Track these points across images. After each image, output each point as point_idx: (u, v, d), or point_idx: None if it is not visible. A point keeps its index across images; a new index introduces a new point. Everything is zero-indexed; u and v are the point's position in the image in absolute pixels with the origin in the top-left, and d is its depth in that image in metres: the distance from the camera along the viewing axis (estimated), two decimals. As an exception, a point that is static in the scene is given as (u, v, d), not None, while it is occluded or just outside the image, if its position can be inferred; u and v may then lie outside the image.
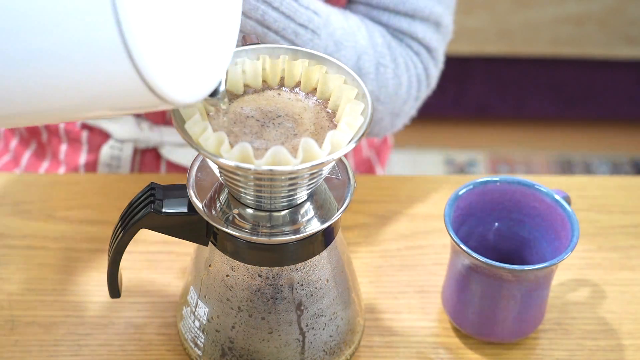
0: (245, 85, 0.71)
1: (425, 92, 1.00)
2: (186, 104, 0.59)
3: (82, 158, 1.07)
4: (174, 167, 1.06)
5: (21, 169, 1.11)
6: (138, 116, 1.04)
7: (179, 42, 0.58)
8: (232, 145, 0.65)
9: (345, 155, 0.66)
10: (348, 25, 0.91)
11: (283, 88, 0.71)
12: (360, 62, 0.91)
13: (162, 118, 1.04)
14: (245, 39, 0.73)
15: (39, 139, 1.10)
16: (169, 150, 1.05)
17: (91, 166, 1.07)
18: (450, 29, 0.99)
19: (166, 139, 1.04)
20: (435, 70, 1.00)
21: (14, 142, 1.13)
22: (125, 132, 1.04)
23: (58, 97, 0.57)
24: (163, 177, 0.99)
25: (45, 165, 1.10)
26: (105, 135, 1.06)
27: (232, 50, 0.65)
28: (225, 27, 0.64)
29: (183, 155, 1.04)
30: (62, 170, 1.08)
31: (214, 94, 0.64)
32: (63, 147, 1.08)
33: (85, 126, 1.07)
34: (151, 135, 1.04)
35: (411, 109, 0.99)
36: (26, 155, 1.11)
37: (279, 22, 0.84)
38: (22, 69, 0.56)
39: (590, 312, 0.86)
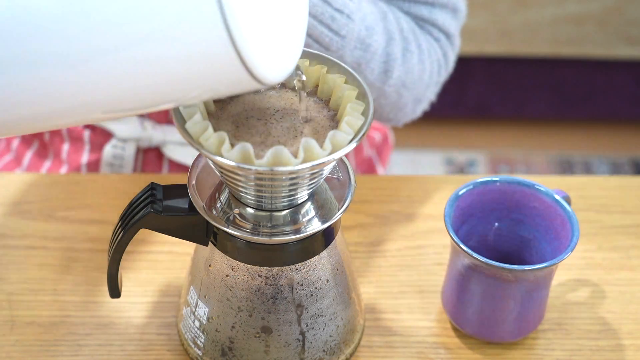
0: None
1: (445, 76, 1.02)
2: (273, 83, 0.61)
3: (85, 157, 1.07)
4: (177, 166, 1.06)
5: (23, 168, 1.11)
6: (141, 115, 1.04)
7: (270, 25, 0.60)
8: (232, 145, 0.65)
9: (346, 155, 0.66)
10: (377, 11, 0.93)
11: (284, 86, 0.71)
12: (389, 48, 0.93)
13: (164, 117, 1.04)
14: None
15: (41, 138, 1.10)
16: (171, 149, 1.05)
17: (93, 165, 1.07)
18: (465, 13, 1.02)
19: (169, 137, 1.04)
20: (453, 55, 1.02)
21: (15, 142, 1.13)
22: (127, 131, 1.04)
23: (153, 78, 0.59)
24: (163, 177, 0.99)
25: (47, 164, 1.10)
26: (107, 135, 1.06)
27: (306, 27, 0.67)
28: (301, 9, 0.67)
29: (185, 154, 1.05)
30: (64, 169, 1.08)
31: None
32: (65, 147, 1.08)
33: (87, 125, 1.07)
34: (154, 134, 1.04)
35: (432, 94, 1.02)
36: (28, 155, 1.11)
37: (317, 7, 0.86)
38: (123, 52, 0.57)
39: (590, 312, 0.86)
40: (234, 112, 0.69)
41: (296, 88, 0.69)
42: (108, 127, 1.05)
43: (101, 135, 1.06)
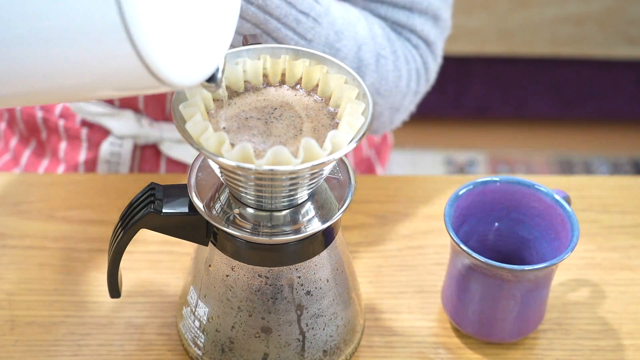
0: (246, 82, 0.71)
1: (425, 86, 1.00)
2: (183, 87, 0.59)
3: (82, 155, 1.07)
4: (174, 164, 1.06)
5: (21, 167, 1.11)
6: (138, 112, 1.04)
7: (178, 25, 0.58)
8: (232, 146, 0.66)
9: (345, 155, 0.66)
10: (348, 16, 0.91)
11: (284, 86, 0.71)
12: (360, 53, 0.91)
13: (162, 114, 1.04)
14: (246, 39, 0.73)
15: (38, 137, 1.10)
16: (168, 146, 1.05)
17: (91, 163, 1.07)
18: (449, 23, 0.99)
19: (166, 135, 1.04)
20: (434, 65, 0.99)
21: (13, 141, 1.13)
22: (125, 128, 1.04)
23: (56, 76, 0.58)
24: (163, 177, 0.99)
25: (45, 163, 1.10)
26: (104, 132, 1.06)
27: (231, 35, 0.66)
28: (225, 11, 0.65)
29: (183, 152, 1.05)
30: (61, 168, 1.08)
31: (211, 79, 0.64)
32: (62, 145, 1.08)
33: (85, 123, 1.07)
34: (151, 131, 1.04)
35: (410, 103, 0.99)
36: (26, 154, 1.11)
37: (281, 9, 0.84)
38: (22, 48, 0.56)
39: (590, 312, 0.86)
40: (233, 113, 0.69)
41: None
42: (105, 125, 1.05)
43: (98, 133, 1.06)
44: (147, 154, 1.06)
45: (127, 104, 1.04)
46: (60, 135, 1.08)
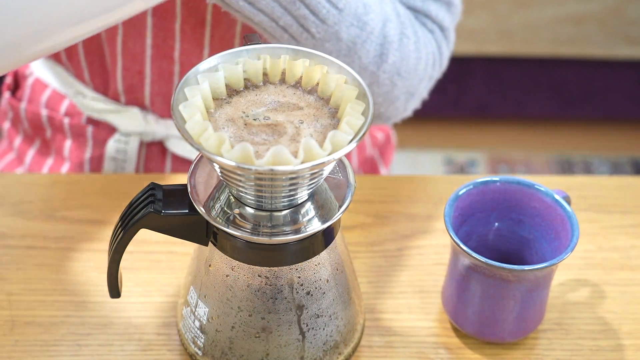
0: (246, 80, 0.71)
1: (439, 72, 1.01)
2: None
3: (87, 153, 1.07)
4: (180, 160, 1.06)
5: (25, 167, 1.11)
6: (144, 109, 1.05)
7: None
8: (232, 145, 0.66)
9: (348, 155, 0.66)
10: None
11: (284, 84, 0.71)
12: (385, 29, 0.91)
13: (167, 111, 1.04)
14: (246, 39, 0.73)
15: (43, 136, 1.10)
16: (174, 143, 1.05)
17: (96, 161, 1.07)
18: (460, 9, 1.00)
19: (172, 132, 1.04)
20: (447, 51, 1.00)
21: (17, 141, 1.13)
22: (131, 125, 1.04)
23: None
24: (164, 177, 0.99)
25: (49, 162, 1.10)
26: (110, 130, 1.06)
27: None
28: None
29: (188, 149, 1.05)
30: (66, 166, 1.08)
31: None
32: (67, 143, 1.08)
33: (90, 121, 1.07)
34: (157, 128, 1.04)
35: (424, 89, 1.00)
36: (30, 153, 1.11)
37: None
38: None
39: (590, 312, 0.86)
40: (233, 113, 0.69)
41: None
42: (111, 122, 1.05)
43: (104, 131, 1.06)
44: (153, 151, 1.07)
45: (133, 101, 1.04)
46: (65, 133, 1.08)
